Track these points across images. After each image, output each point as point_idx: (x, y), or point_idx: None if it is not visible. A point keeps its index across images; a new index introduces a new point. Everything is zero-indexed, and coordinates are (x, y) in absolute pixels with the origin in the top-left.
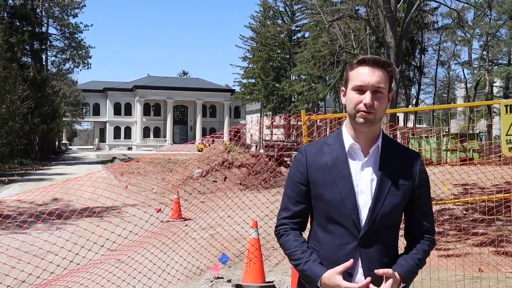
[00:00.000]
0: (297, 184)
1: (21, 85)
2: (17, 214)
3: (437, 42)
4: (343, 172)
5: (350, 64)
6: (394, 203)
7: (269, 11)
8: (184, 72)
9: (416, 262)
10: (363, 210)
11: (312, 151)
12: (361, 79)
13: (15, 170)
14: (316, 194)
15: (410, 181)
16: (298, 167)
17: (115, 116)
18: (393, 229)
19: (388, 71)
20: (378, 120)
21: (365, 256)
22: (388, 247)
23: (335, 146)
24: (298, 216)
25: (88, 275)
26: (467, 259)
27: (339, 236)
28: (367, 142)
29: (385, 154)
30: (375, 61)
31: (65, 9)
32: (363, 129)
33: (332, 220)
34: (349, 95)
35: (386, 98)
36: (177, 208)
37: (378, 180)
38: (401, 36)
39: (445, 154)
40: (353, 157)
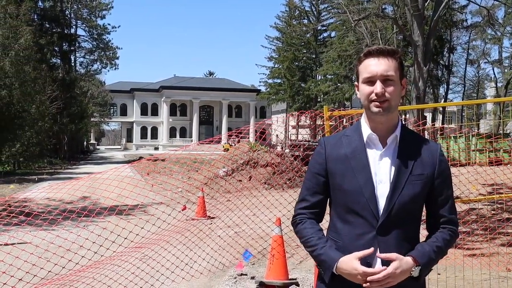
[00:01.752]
0: (316, 175)
1: (50, 85)
2: (47, 212)
3: (466, 40)
4: (361, 162)
5: (358, 58)
6: (413, 193)
7: (295, 11)
8: (210, 72)
9: (434, 249)
10: (381, 199)
11: (331, 142)
12: (369, 71)
13: (44, 169)
14: (334, 184)
15: (429, 171)
16: (317, 158)
17: (141, 116)
18: (412, 219)
19: (396, 58)
20: (394, 108)
21: (383, 245)
22: (407, 237)
23: (353, 137)
24: (315, 207)
25: (116, 268)
26: (494, 258)
27: (358, 226)
28: (385, 132)
29: (403, 143)
30: (380, 51)
31: (93, 11)
32: (380, 119)
33: (350, 210)
34: (361, 88)
35: (398, 84)
36: (202, 206)
37: (396, 169)
38: (429, 35)
39: (474, 154)
40: (372, 147)
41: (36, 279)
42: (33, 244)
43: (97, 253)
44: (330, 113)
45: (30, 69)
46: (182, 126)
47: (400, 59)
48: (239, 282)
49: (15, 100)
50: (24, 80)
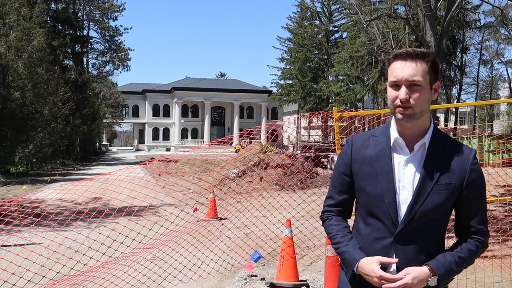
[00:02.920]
0: (341, 174)
1: (63, 87)
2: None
3: (479, 40)
4: (385, 167)
5: (387, 60)
6: (437, 202)
7: (307, 12)
8: (221, 73)
9: (456, 259)
10: (403, 206)
11: (358, 142)
12: (395, 75)
13: (57, 170)
14: (358, 186)
15: (457, 180)
16: (343, 157)
17: (153, 117)
18: (435, 228)
19: (427, 61)
20: (420, 114)
21: (400, 253)
22: (427, 246)
23: (381, 139)
24: (341, 205)
25: (125, 269)
26: (506, 260)
27: (377, 230)
28: (413, 137)
29: (433, 150)
30: (408, 54)
31: (106, 13)
32: (406, 124)
33: (371, 213)
34: (388, 91)
35: (426, 89)
36: (213, 207)
37: (421, 177)
38: (442, 35)
39: (487, 155)
40: (398, 152)
41: (45, 280)
42: (42, 245)
43: (108, 254)
44: (340, 114)
45: (43, 71)
46: (194, 127)
47: (433, 61)
48: (249, 283)
49: (28, 101)
50: (37, 82)
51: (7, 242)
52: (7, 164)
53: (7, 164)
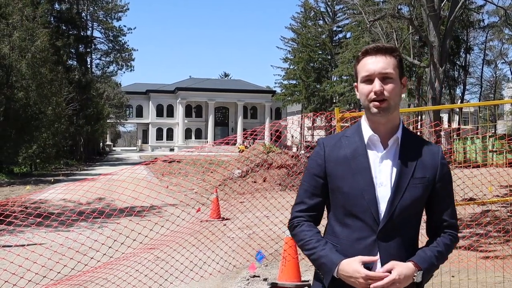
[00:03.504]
0: (315, 177)
1: (66, 87)
2: (61, 211)
3: (483, 40)
4: (362, 164)
5: (356, 58)
6: (415, 196)
7: (310, 12)
8: (225, 73)
9: (435, 254)
10: (382, 203)
11: (330, 143)
12: (366, 69)
13: (60, 170)
14: (334, 186)
15: (430, 174)
16: (316, 159)
17: (157, 117)
18: (413, 223)
19: (395, 56)
20: (394, 107)
21: (384, 250)
22: (407, 241)
23: (354, 139)
24: (313, 210)
25: (127, 269)
26: (508, 260)
27: (357, 230)
28: (386, 133)
29: (405, 145)
30: (378, 49)
31: (109, 13)
32: (380, 120)
33: (350, 213)
34: (359, 87)
35: (397, 83)
36: (215, 208)
37: (397, 172)
38: (445, 35)
39: (491, 155)
40: (372, 149)
41: (46, 281)
42: (44, 246)
43: (110, 255)
44: (341, 115)
45: (47, 71)
46: (198, 128)
47: (400, 56)
48: (251, 284)
49: (31, 101)
50: (40, 82)
51: (8, 242)
52: (11, 164)
53: (11, 164)
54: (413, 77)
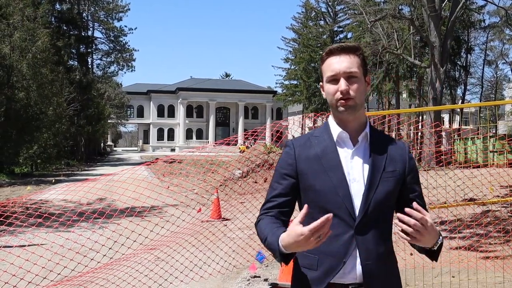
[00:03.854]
0: (285, 176)
1: (67, 87)
2: (62, 212)
3: (484, 41)
4: (333, 161)
5: (320, 58)
6: (387, 189)
7: (311, 12)
8: (226, 74)
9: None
10: (357, 198)
11: (299, 143)
12: (331, 69)
13: (61, 170)
14: (306, 185)
15: (400, 168)
16: (286, 159)
17: (158, 118)
18: (387, 216)
19: (358, 54)
20: (360, 105)
21: (362, 244)
22: (383, 235)
23: (323, 137)
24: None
25: (128, 270)
26: (508, 261)
27: (334, 227)
28: (355, 130)
29: (374, 141)
30: (342, 48)
31: (110, 13)
32: (348, 117)
33: (324, 210)
34: (325, 87)
35: (362, 81)
36: (216, 208)
37: (370, 167)
38: (446, 36)
39: (491, 155)
40: (342, 146)
41: (46, 282)
42: (44, 246)
43: (110, 255)
44: None
45: (47, 71)
46: (199, 128)
47: (363, 55)
48: (252, 284)
49: (32, 102)
50: (41, 82)
51: (9, 243)
52: (12, 164)
53: (12, 165)
54: (414, 77)
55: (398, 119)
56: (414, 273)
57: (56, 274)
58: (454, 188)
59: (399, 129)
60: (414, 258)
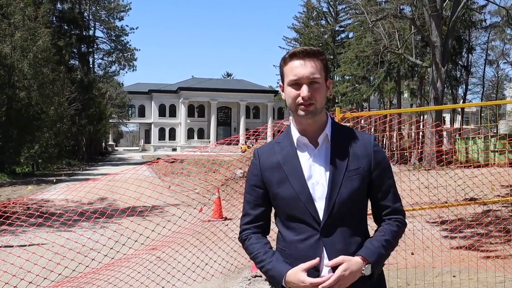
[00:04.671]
0: (254, 187)
1: (68, 87)
2: (63, 212)
3: (485, 41)
4: (293, 167)
5: (283, 59)
6: (352, 189)
7: (313, 12)
8: (228, 73)
9: (382, 243)
10: (320, 201)
11: (264, 152)
12: (294, 73)
13: (62, 170)
14: (272, 193)
15: (365, 164)
16: (252, 170)
17: (160, 117)
18: (356, 215)
19: (321, 59)
20: (320, 109)
21: (329, 247)
22: (353, 233)
23: (285, 143)
24: (259, 220)
25: (128, 271)
26: (508, 260)
27: (301, 232)
28: (315, 132)
29: (335, 140)
30: (306, 52)
31: (112, 13)
32: (307, 121)
33: (291, 216)
34: (286, 90)
35: (323, 86)
36: (217, 208)
37: (331, 168)
38: (447, 35)
39: (492, 155)
40: (304, 150)
41: (47, 282)
42: (44, 247)
43: (112, 255)
44: (342, 115)
45: (49, 71)
46: (200, 127)
47: (326, 60)
48: (253, 284)
49: (33, 101)
50: (42, 82)
51: (10, 243)
52: (13, 164)
53: (13, 164)
54: (415, 77)
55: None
56: (415, 272)
57: (57, 274)
58: (455, 187)
59: (400, 129)
60: (415, 258)
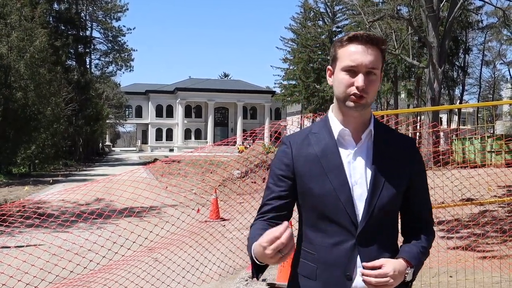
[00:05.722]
0: (281, 177)
1: (65, 87)
2: (60, 213)
3: (482, 41)
4: (334, 162)
5: (339, 40)
6: (392, 193)
7: (310, 12)
8: (225, 74)
9: (420, 249)
10: (359, 203)
11: (297, 141)
12: (353, 59)
13: (59, 171)
14: (304, 188)
15: (406, 169)
16: (282, 159)
17: (157, 118)
18: (392, 222)
19: (382, 49)
20: (370, 104)
21: (364, 254)
22: (388, 243)
23: (322, 135)
24: (278, 211)
25: (124, 273)
26: (505, 261)
27: (334, 235)
28: (358, 127)
29: (378, 139)
30: (369, 38)
31: (109, 13)
32: (354, 113)
33: (324, 217)
34: (338, 76)
35: (379, 80)
36: (215, 208)
37: (373, 169)
38: (444, 36)
39: (489, 155)
40: (344, 145)
41: (44, 284)
42: (42, 248)
43: (109, 257)
44: None
45: (45, 71)
46: (197, 128)
47: (385, 51)
48: (250, 285)
49: (30, 102)
50: (39, 82)
51: (7, 244)
52: (10, 165)
53: (10, 165)
54: (412, 77)
55: (396, 119)
56: None
57: (54, 275)
58: (451, 188)
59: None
60: None
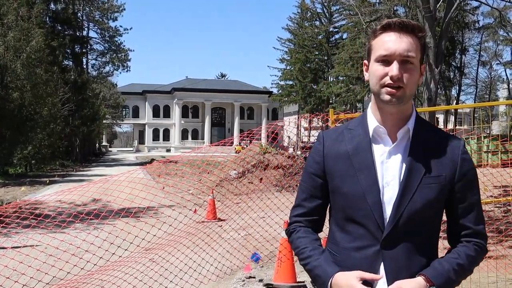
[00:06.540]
0: (313, 176)
1: (62, 88)
2: (57, 214)
3: (478, 42)
4: (365, 161)
5: (373, 31)
6: (427, 198)
7: (307, 13)
8: (222, 74)
9: (454, 267)
10: (388, 206)
11: (331, 137)
12: (386, 47)
13: (56, 171)
14: (333, 187)
15: (448, 172)
16: (314, 156)
17: (154, 118)
18: (426, 228)
19: (420, 37)
20: (409, 97)
21: (389, 262)
22: (419, 250)
23: (357, 131)
24: (313, 214)
25: (121, 275)
26: (501, 261)
27: (358, 238)
28: (396, 124)
29: (417, 138)
30: (403, 25)
31: (105, 13)
32: (391, 109)
33: (350, 218)
34: (372, 68)
35: (418, 70)
36: (212, 209)
37: (407, 170)
38: (441, 36)
39: (486, 156)
40: (379, 143)
41: (41, 285)
42: (38, 248)
43: (106, 258)
44: (336, 116)
45: (42, 72)
46: (194, 128)
47: (424, 39)
48: (247, 285)
49: (27, 102)
50: (36, 83)
51: (3, 245)
52: (6, 165)
53: (6, 165)
54: None
55: None
56: None
57: (51, 276)
58: None
59: None
60: None
